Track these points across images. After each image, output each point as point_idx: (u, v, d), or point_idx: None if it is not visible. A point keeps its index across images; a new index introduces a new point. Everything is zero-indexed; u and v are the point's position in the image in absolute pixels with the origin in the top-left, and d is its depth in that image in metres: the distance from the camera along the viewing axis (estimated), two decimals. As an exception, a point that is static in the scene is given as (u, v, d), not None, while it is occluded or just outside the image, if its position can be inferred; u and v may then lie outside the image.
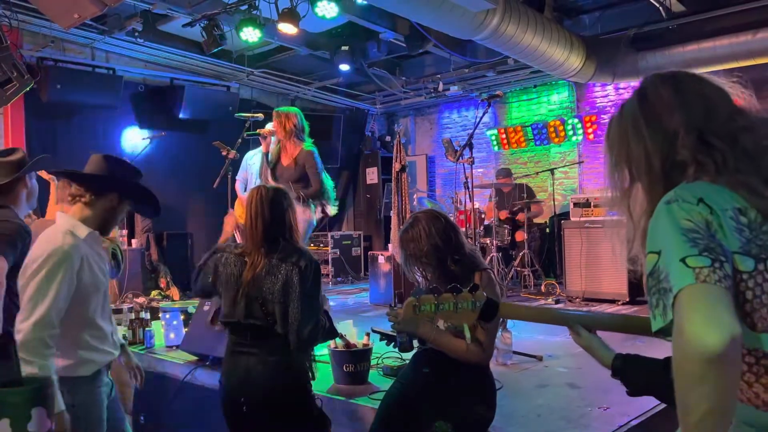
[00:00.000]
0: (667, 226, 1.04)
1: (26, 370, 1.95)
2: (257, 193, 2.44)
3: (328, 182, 4.77)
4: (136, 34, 6.57)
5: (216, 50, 6.37)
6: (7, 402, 1.49)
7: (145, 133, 5.97)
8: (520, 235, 7.18)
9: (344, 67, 7.57)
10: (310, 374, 2.44)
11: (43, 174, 4.29)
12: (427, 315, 1.53)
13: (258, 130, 4.86)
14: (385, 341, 2.58)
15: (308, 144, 4.62)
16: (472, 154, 5.82)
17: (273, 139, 4.88)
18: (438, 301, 1.52)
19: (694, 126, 1.17)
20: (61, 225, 2.24)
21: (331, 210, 4.84)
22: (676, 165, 1.16)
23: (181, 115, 7.53)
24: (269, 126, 4.88)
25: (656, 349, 1.42)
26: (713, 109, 1.19)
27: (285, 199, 2.47)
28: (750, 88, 1.27)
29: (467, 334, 1.55)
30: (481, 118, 5.97)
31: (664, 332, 1.03)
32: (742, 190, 1.08)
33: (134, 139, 7.29)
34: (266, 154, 4.77)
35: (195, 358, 3.90)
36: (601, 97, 8.37)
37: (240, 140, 5.15)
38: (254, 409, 2.31)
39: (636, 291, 5.97)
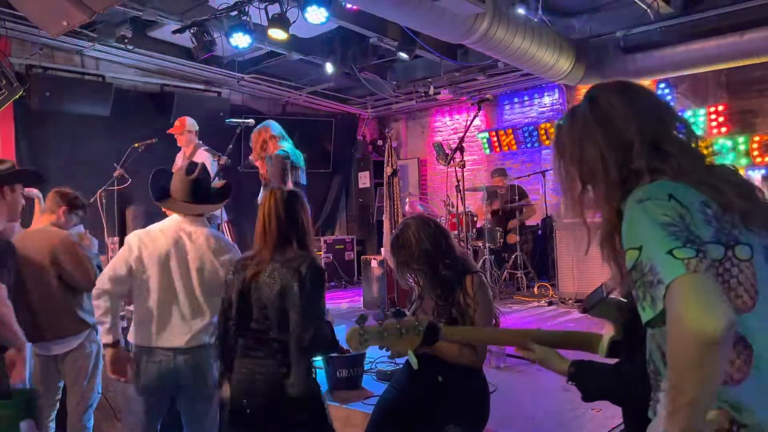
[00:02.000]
0: (645, 222, 1.09)
1: None
2: (272, 195, 2.42)
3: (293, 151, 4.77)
4: (126, 40, 6.54)
5: (206, 56, 6.36)
6: (-4, 414, 1.49)
7: (136, 140, 5.93)
8: (513, 238, 7.19)
9: (329, 69, 7.57)
10: (313, 383, 2.35)
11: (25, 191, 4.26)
12: (371, 344, 1.54)
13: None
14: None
15: (281, 150, 4.61)
16: (463, 157, 5.83)
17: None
18: (382, 329, 1.52)
19: (648, 135, 1.22)
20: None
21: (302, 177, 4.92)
22: (632, 172, 1.21)
23: (171, 122, 7.49)
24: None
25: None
26: (663, 117, 1.26)
27: (298, 201, 2.46)
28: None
29: (413, 360, 1.54)
30: (472, 121, 5.99)
31: (653, 323, 1.09)
32: (703, 187, 1.15)
33: (124, 146, 7.24)
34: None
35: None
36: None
37: (231, 146, 5.13)
38: (256, 412, 2.29)
39: (628, 292, 5.98)
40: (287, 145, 4.67)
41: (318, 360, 3.58)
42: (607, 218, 1.22)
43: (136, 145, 5.77)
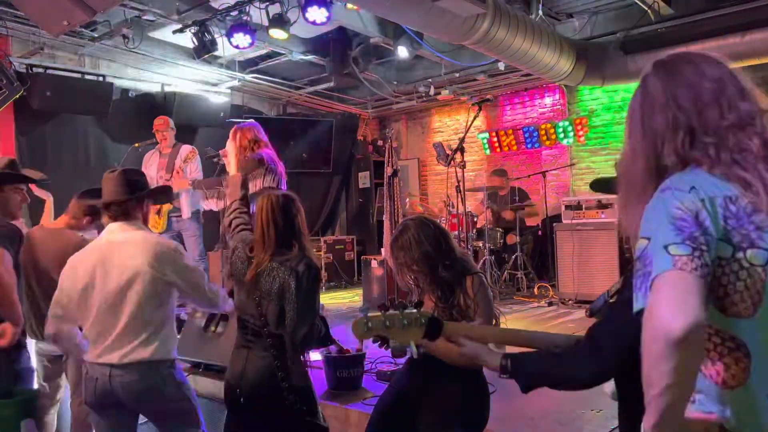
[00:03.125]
0: (659, 213, 1.08)
1: None
2: (268, 201, 2.49)
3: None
4: (127, 40, 6.56)
5: (206, 56, 6.36)
6: (-4, 414, 1.49)
7: (136, 139, 5.95)
8: (512, 238, 7.20)
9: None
10: (305, 377, 2.45)
11: (33, 189, 4.28)
12: (375, 333, 1.56)
13: (220, 151, 4.82)
14: (378, 343, 2.59)
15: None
16: (463, 158, 5.84)
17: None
18: (386, 318, 1.55)
19: (684, 125, 1.18)
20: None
21: None
22: (663, 168, 1.19)
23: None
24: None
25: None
26: (705, 106, 1.18)
27: (294, 205, 2.53)
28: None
29: (414, 350, 1.57)
30: (472, 122, 5.99)
31: (641, 314, 1.07)
32: (737, 182, 1.11)
33: (124, 146, 7.26)
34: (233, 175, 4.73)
35: (187, 365, 3.88)
36: (592, 99, 8.41)
37: (231, 146, 5.13)
38: (248, 401, 2.39)
39: (628, 293, 5.99)
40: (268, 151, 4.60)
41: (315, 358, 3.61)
42: (639, 210, 1.18)
43: (136, 145, 5.80)
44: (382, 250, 6.81)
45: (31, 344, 3.18)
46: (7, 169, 2.67)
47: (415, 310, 1.56)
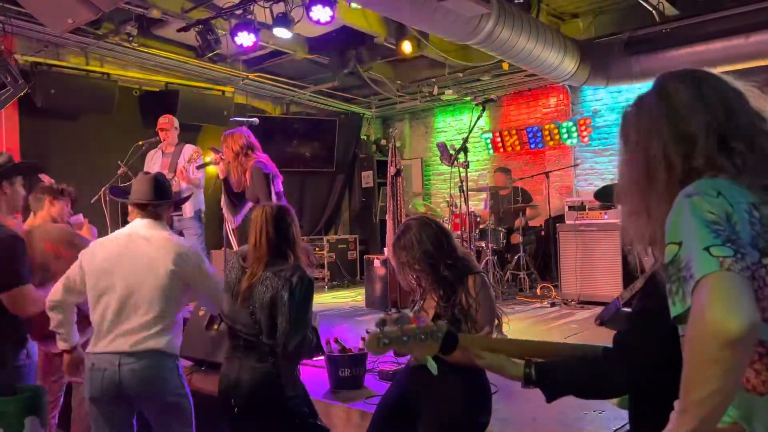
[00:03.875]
0: (690, 217, 1.08)
1: None
2: (262, 212, 2.56)
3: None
4: (131, 38, 6.57)
5: (211, 54, 6.37)
6: (0, 411, 1.49)
7: (140, 137, 5.96)
8: (516, 238, 7.19)
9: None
10: (297, 387, 2.49)
11: (45, 179, 4.30)
12: (390, 347, 1.52)
13: (214, 157, 4.81)
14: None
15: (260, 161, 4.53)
16: (467, 158, 5.83)
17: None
18: (402, 333, 1.51)
19: (714, 129, 1.19)
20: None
21: None
22: (695, 167, 1.19)
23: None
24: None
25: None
26: (733, 112, 1.21)
27: (288, 216, 2.58)
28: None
29: (432, 366, 1.53)
30: (476, 122, 5.98)
31: (680, 319, 1.07)
32: (761, 191, 1.12)
33: (128, 144, 7.28)
34: (225, 180, 4.74)
35: (190, 363, 3.89)
36: (596, 100, 8.40)
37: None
38: (243, 411, 2.41)
39: (631, 294, 5.98)
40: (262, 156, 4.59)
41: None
42: (665, 211, 1.17)
43: (140, 143, 5.81)
44: (385, 249, 6.81)
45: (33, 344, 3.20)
46: (9, 164, 2.67)
47: (431, 323, 1.53)
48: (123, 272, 2.53)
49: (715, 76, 1.27)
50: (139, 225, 2.65)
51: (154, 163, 5.97)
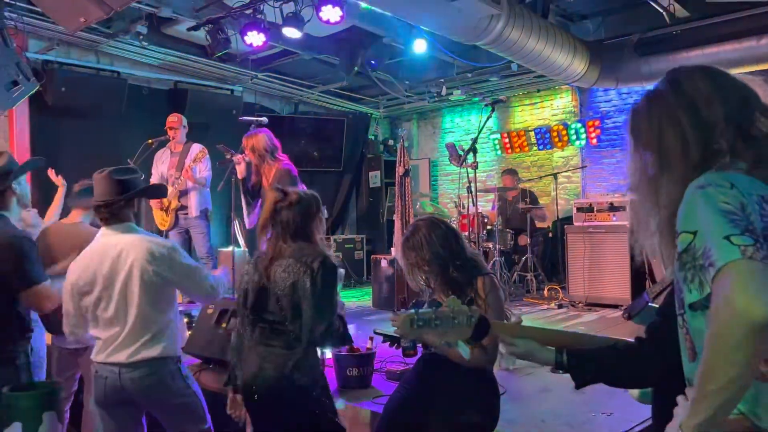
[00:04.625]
0: (705, 207, 1.09)
1: None
2: (280, 198, 2.48)
3: None
4: (141, 37, 6.60)
5: (220, 54, 6.39)
6: (19, 406, 1.51)
7: (149, 136, 5.99)
8: (523, 240, 7.18)
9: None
10: (321, 378, 2.44)
11: (52, 175, 4.33)
12: (423, 330, 1.53)
13: (234, 157, 4.86)
14: (389, 343, 2.59)
15: (285, 163, 4.58)
16: (476, 158, 5.82)
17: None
18: (436, 316, 1.52)
19: (732, 118, 1.21)
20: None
21: None
22: (712, 153, 1.20)
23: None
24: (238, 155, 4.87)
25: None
26: (748, 103, 1.24)
27: (315, 202, 2.53)
28: None
29: (464, 350, 1.53)
30: (485, 123, 5.97)
31: (696, 306, 1.09)
32: None
33: (137, 143, 7.32)
34: (243, 180, 4.77)
35: (199, 360, 3.90)
36: (605, 101, 8.38)
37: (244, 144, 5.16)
38: (264, 399, 2.36)
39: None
40: (285, 158, 4.65)
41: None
42: (673, 200, 1.20)
43: (149, 141, 5.84)
44: (392, 249, 6.81)
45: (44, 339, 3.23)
46: (9, 163, 2.68)
47: (465, 307, 1.53)
48: (99, 286, 2.48)
49: (724, 71, 1.30)
50: (105, 232, 2.56)
51: (163, 162, 6.01)
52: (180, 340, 2.62)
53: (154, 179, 5.97)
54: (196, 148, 5.88)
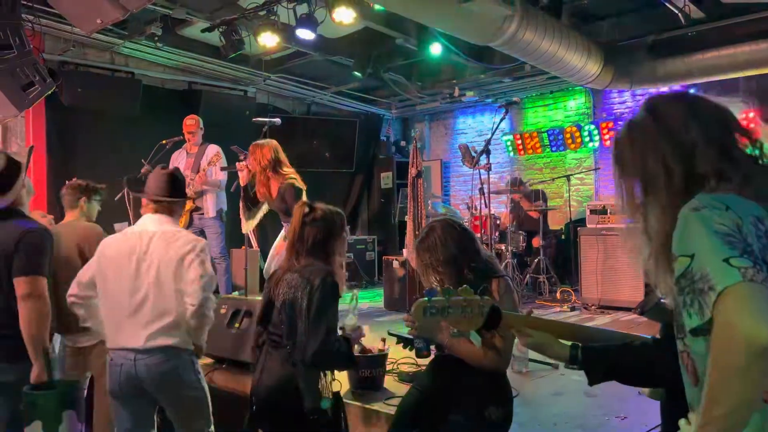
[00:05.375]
0: (701, 230, 1.08)
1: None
2: (302, 210, 2.51)
3: None
4: (156, 38, 6.65)
5: (234, 55, 6.42)
6: (38, 404, 1.52)
7: (163, 136, 6.03)
8: (536, 242, 7.15)
9: (358, 75, 7.60)
10: (319, 399, 2.34)
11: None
12: (436, 318, 1.54)
13: (237, 165, 4.88)
14: (402, 344, 2.59)
15: (290, 177, 4.53)
16: (489, 160, 5.81)
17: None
18: (448, 304, 1.52)
19: (713, 141, 1.20)
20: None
21: None
22: (697, 178, 1.19)
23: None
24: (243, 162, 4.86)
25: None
26: (727, 126, 1.24)
27: (338, 221, 2.56)
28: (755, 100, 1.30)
29: (477, 339, 1.54)
30: (498, 124, 5.96)
31: (698, 332, 1.07)
32: (762, 201, 1.12)
33: (152, 143, 7.38)
34: (245, 187, 4.78)
35: (211, 360, 3.93)
36: (618, 103, 8.33)
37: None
38: (260, 413, 2.39)
39: (653, 299, 5.92)
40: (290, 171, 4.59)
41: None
42: (665, 228, 1.19)
43: (164, 141, 5.87)
44: (404, 250, 6.81)
45: (58, 338, 3.26)
46: (10, 158, 2.70)
47: (478, 297, 1.53)
48: (131, 268, 2.55)
49: (700, 96, 1.30)
50: (149, 220, 2.67)
51: (179, 163, 6.05)
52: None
53: None
54: (212, 150, 5.91)
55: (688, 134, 1.21)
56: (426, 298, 1.52)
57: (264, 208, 4.77)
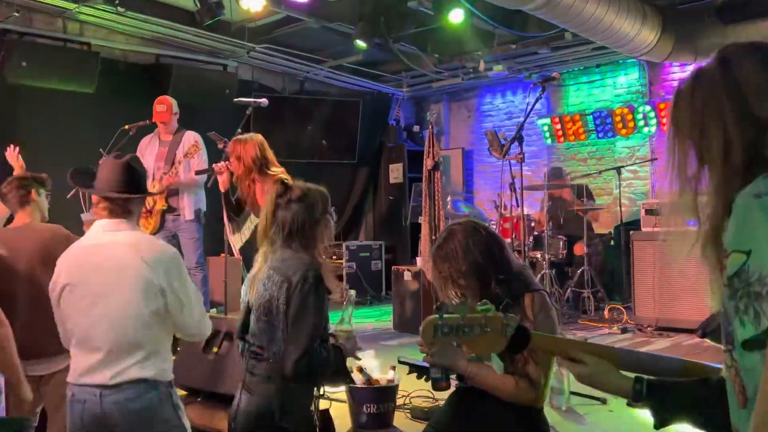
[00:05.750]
0: (762, 222, 1.07)
1: None
2: (281, 192, 2.51)
3: None
4: (117, 2, 6.68)
5: (211, 22, 6.45)
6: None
7: (125, 120, 6.05)
8: (579, 248, 7.14)
9: (362, 46, 7.59)
10: (304, 421, 2.37)
11: (10, 156, 4.41)
12: (450, 339, 1.53)
13: (215, 166, 4.88)
14: (415, 373, 2.59)
15: (281, 178, 4.53)
16: (522, 149, 5.80)
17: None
18: (464, 322, 1.52)
19: None
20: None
21: None
22: (761, 161, 1.18)
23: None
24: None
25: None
26: None
27: (321, 201, 2.54)
28: None
29: (498, 365, 1.54)
30: (534, 105, 5.94)
31: (751, 344, 1.07)
32: None
33: (112, 128, 7.41)
34: (225, 193, 4.78)
35: (184, 393, 3.94)
36: (680, 79, 8.30)
37: (240, 131, 5.19)
38: None
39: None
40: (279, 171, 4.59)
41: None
42: (715, 211, 1.18)
43: (126, 127, 5.89)
44: (418, 259, 6.82)
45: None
46: None
47: (500, 314, 1.53)
48: (90, 288, 2.49)
49: None
50: (102, 229, 2.58)
51: (149, 152, 6.04)
52: (171, 364, 2.63)
53: None
54: (190, 138, 5.89)
55: (761, 102, 1.20)
56: (437, 315, 1.52)
57: (253, 219, 4.72)
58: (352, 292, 2.80)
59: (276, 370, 2.32)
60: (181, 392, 3.91)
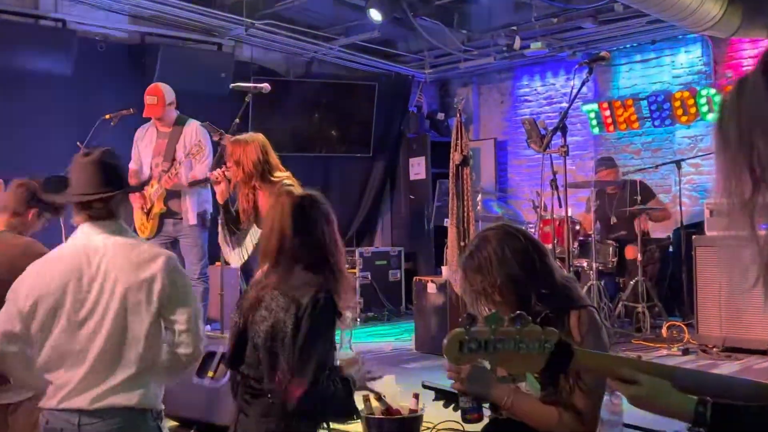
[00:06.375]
0: None
1: None
2: (278, 204, 2.57)
3: None
4: (96, -28, 6.75)
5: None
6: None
7: (106, 108, 6.10)
8: (631, 252, 7.10)
9: (377, 17, 7.60)
10: None
11: None
12: (478, 356, 1.53)
13: (211, 175, 4.90)
14: (443, 402, 2.60)
15: (286, 184, 4.52)
16: (565, 140, 5.79)
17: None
18: (495, 336, 1.51)
19: None
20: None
21: None
22: None
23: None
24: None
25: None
26: None
27: (317, 208, 2.56)
28: None
29: (534, 387, 1.53)
30: (580, 88, 5.92)
31: None
32: None
33: (92, 118, 7.47)
34: (224, 204, 4.78)
35: (175, 423, 3.97)
36: (750, 57, 8.25)
37: (237, 121, 5.23)
38: None
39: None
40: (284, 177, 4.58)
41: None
42: None
43: (107, 116, 5.93)
44: (443, 268, 6.81)
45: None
46: None
47: (538, 327, 1.53)
48: (70, 302, 2.53)
49: None
50: (90, 232, 2.61)
51: (145, 146, 6.04)
52: (162, 390, 2.66)
53: (134, 166, 6.01)
54: (192, 132, 5.87)
55: None
56: (463, 328, 1.51)
57: (255, 232, 4.71)
58: (349, 314, 2.80)
59: (275, 406, 2.35)
60: (173, 423, 3.96)
